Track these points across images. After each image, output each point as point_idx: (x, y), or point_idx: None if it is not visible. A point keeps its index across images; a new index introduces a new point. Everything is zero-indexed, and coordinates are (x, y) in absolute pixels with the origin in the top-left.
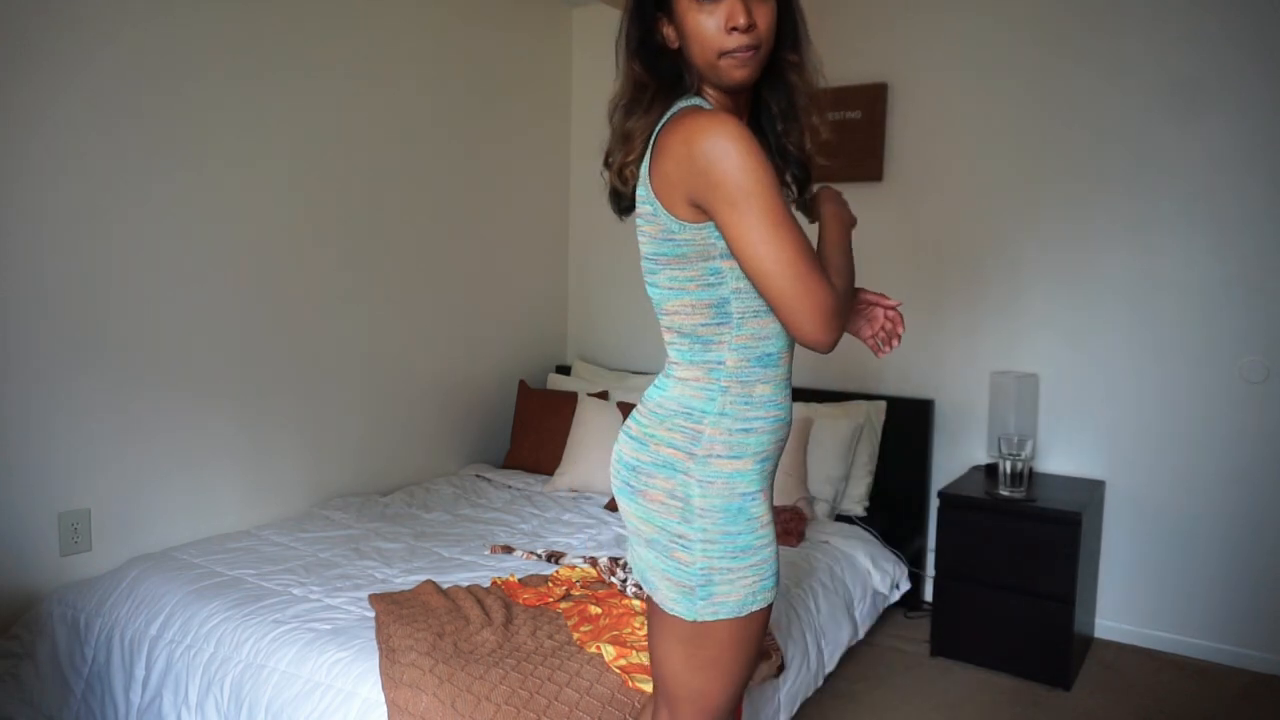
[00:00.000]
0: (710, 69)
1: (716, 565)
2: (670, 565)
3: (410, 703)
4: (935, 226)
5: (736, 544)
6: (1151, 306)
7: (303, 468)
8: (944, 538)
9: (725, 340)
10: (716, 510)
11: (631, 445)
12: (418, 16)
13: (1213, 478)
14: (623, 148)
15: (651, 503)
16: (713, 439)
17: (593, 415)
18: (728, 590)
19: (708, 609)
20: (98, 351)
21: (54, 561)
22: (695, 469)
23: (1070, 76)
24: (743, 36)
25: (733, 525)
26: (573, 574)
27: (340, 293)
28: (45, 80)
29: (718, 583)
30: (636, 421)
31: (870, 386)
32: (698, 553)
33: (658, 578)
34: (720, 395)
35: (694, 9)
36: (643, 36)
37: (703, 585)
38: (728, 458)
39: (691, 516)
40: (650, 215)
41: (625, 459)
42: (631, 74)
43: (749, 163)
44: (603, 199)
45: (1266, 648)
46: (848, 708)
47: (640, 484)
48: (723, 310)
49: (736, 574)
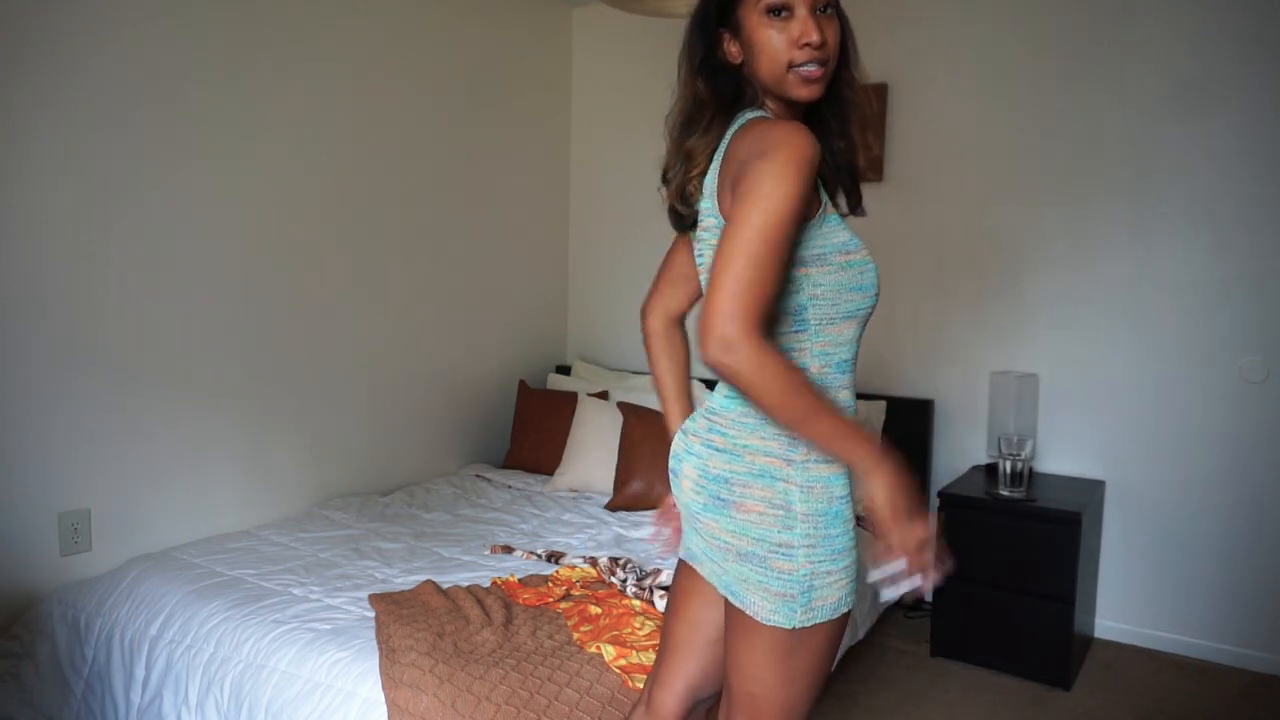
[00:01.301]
0: (778, 83)
1: (819, 570)
2: (770, 576)
3: (410, 703)
4: (935, 226)
5: (836, 546)
6: (1151, 306)
7: (303, 468)
8: (944, 537)
9: (806, 347)
10: (818, 515)
11: (722, 458)
12: (417, 17)
13: (1212, 478)
14: (685, 165)
15: (748, 514)
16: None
17: (593, 415)
18: (826, 593)
19: (807, 614)
20: (98, 351)
21: (54, 561)
22: (796, 475)
23: (1070, 77)
24: (814, 51)
25: (833, 528)
26: (573, 574)
27: (340, 293)
28: (44, 81)
29: (819, 587)
30: (721, 434)
31: (870, 386)
32: (801, 559)
33: (752, 591)
34: None
35: (765, 23)
36: (707, 51)
37: (804, 592)
38: (824, 462)
39: (794, 523)
40: (714, 227)
41: (714, 473)
42: (694, 91)
43: (788, 171)
44: (603, 199)
45: (1266, 648)
46: (848, 708)
47: (735, 496)
48: (800, 318)
49: (835, 576)
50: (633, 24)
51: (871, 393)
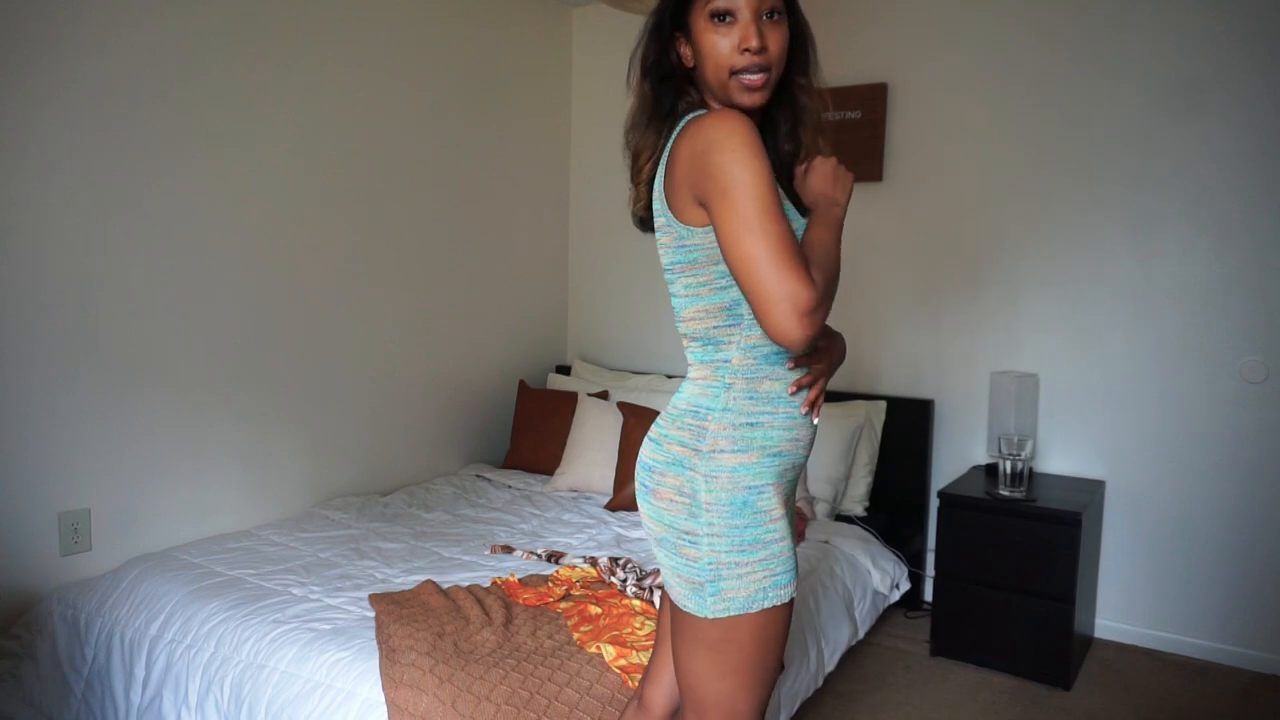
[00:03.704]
0: (721, 88)
1: (724, 560)
2: (680, 562)
3: (410, 703)
4: (935, 226)
5: (743, 538)
6: (1152, 306)
7: (303, 468)
8: (944, 538)
9: (735, 340)
10: (722, 504)
11: (649, 447)
12: (417, 17)
13: (1213, 478)
14: (633, 166)
15: (662, 500)
16: (717, 434)
17: (593, 415)
18: (736, 585)
19: (718, 604)
20: (98, 351)
21: (54, 561)
22: (701, 464)
23: (1070, 76)
24: (754, 57)
25: (738, 519)
26: (573, 574)
27: (341, 293)
28: (44, 80)
29: (726, 577)
30: (656, 424)
31: (870, 386)
32: (704, 547)
33: (671, 576)
34: (724, 391)
35: (709, 29)
36: (659, 55)
37: (711, 581)
38: (731, 452)
39: (699, 511)
40: (665, 226)
41: (644, 460)
42: (641, 93)
43: (744, 154)
44: (602, 199)
45: (1266, 648)
46: (848, 708)
47: (654, 483)
48: (734, 312)
49: (744, 568)
50: (633, 24)
51: (871, 393)
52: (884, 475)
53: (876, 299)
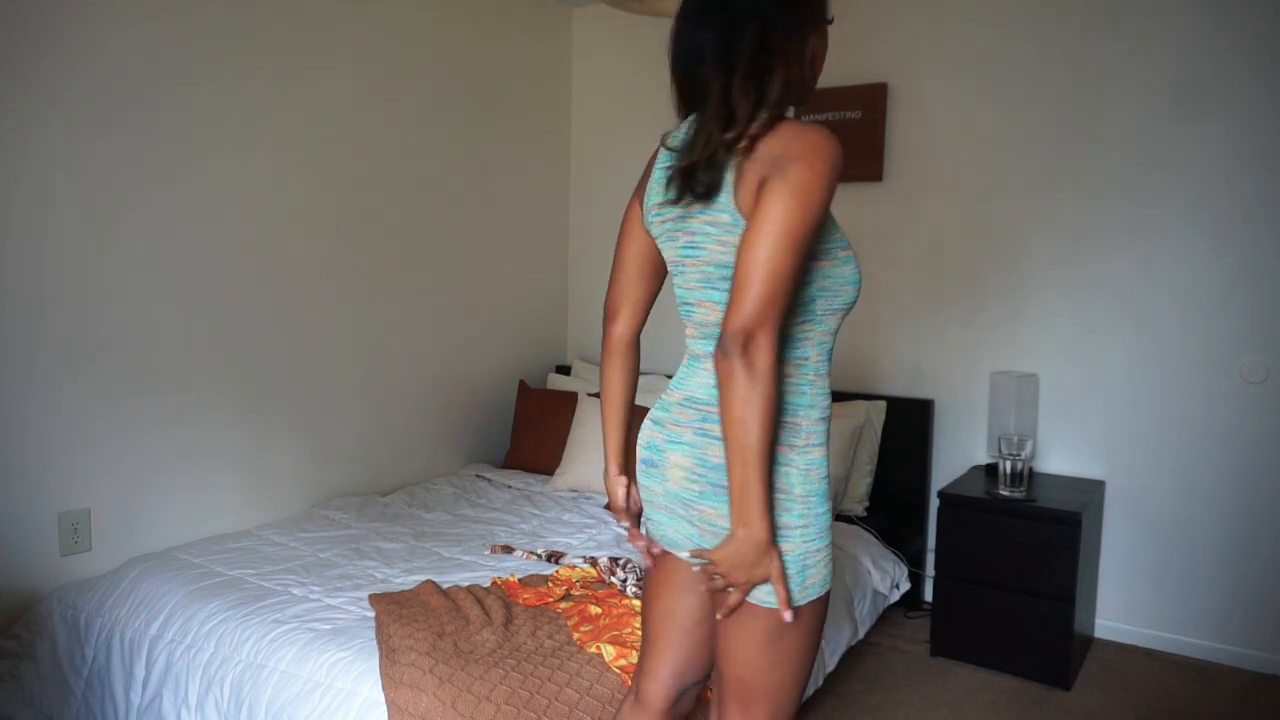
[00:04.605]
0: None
1: (811, 549)
2: None
3: (410, 703)
4: (935, 226)
5: (823, 524)
6: (1152, 307)
7: (303, 468)
8: (944, 538)
9: (811, 337)
10: (812, 495)
11: (719, 447)
12: (417, 18)
13: (1213, 478)
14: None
15: None
16: (810, 429)
17: (593, 415)
18: (816, 571)
19: (801, 594)
20: (98, 351)
21: (54, 561)
22: (798, 459)
23: (1070, 77)
24: None
25: (820, 506)
26: (573, 574)
27: (340, 293)
28: (43, 83)
29: (810, 566)
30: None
31: (870, 386)
32: (796, 539)
33: None
34: (809, 388)
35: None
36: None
37: (799, 571)
38: (817, 445)
39: (792, 505)
40: (729, 225)
41: (714, 461)
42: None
43: (828, 185)
44: (602, 199)
45: (1266, 648)
46: (848, 708)
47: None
48: (809, 309)
49: (823, 553)
50: (633, 24)
51: (871, 393)
52: (884, 475)
53: (876, 299)
